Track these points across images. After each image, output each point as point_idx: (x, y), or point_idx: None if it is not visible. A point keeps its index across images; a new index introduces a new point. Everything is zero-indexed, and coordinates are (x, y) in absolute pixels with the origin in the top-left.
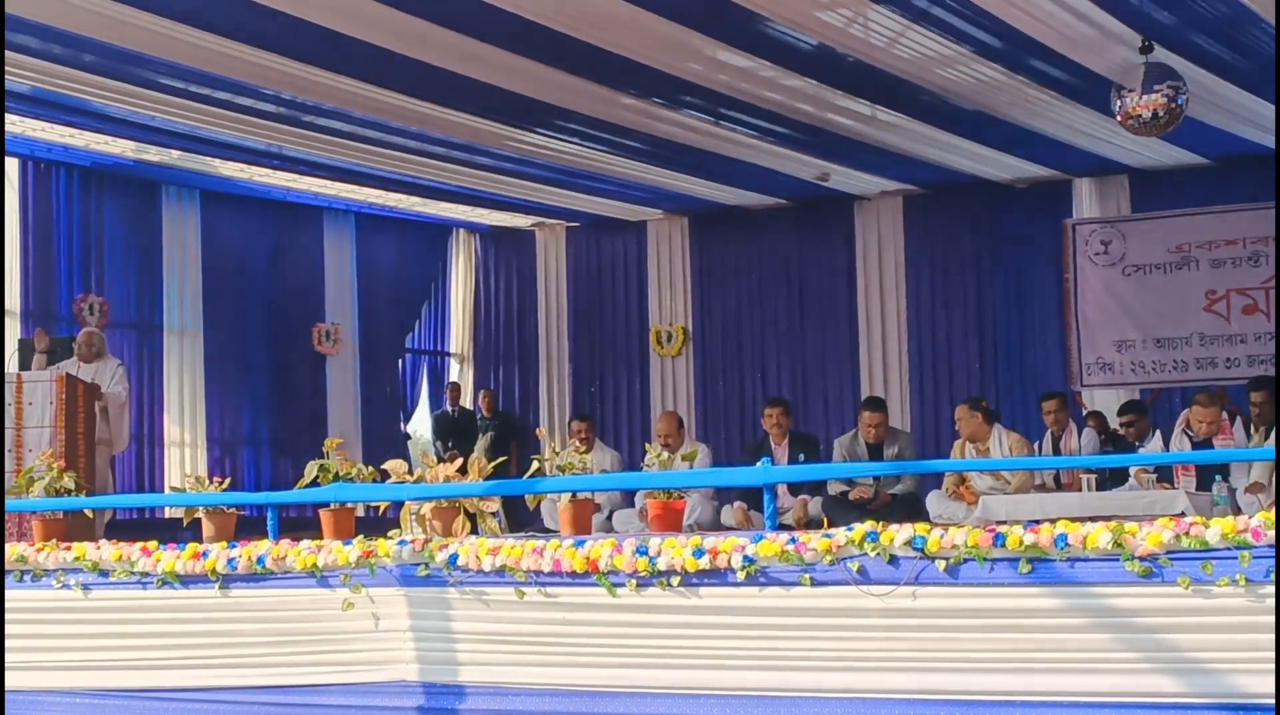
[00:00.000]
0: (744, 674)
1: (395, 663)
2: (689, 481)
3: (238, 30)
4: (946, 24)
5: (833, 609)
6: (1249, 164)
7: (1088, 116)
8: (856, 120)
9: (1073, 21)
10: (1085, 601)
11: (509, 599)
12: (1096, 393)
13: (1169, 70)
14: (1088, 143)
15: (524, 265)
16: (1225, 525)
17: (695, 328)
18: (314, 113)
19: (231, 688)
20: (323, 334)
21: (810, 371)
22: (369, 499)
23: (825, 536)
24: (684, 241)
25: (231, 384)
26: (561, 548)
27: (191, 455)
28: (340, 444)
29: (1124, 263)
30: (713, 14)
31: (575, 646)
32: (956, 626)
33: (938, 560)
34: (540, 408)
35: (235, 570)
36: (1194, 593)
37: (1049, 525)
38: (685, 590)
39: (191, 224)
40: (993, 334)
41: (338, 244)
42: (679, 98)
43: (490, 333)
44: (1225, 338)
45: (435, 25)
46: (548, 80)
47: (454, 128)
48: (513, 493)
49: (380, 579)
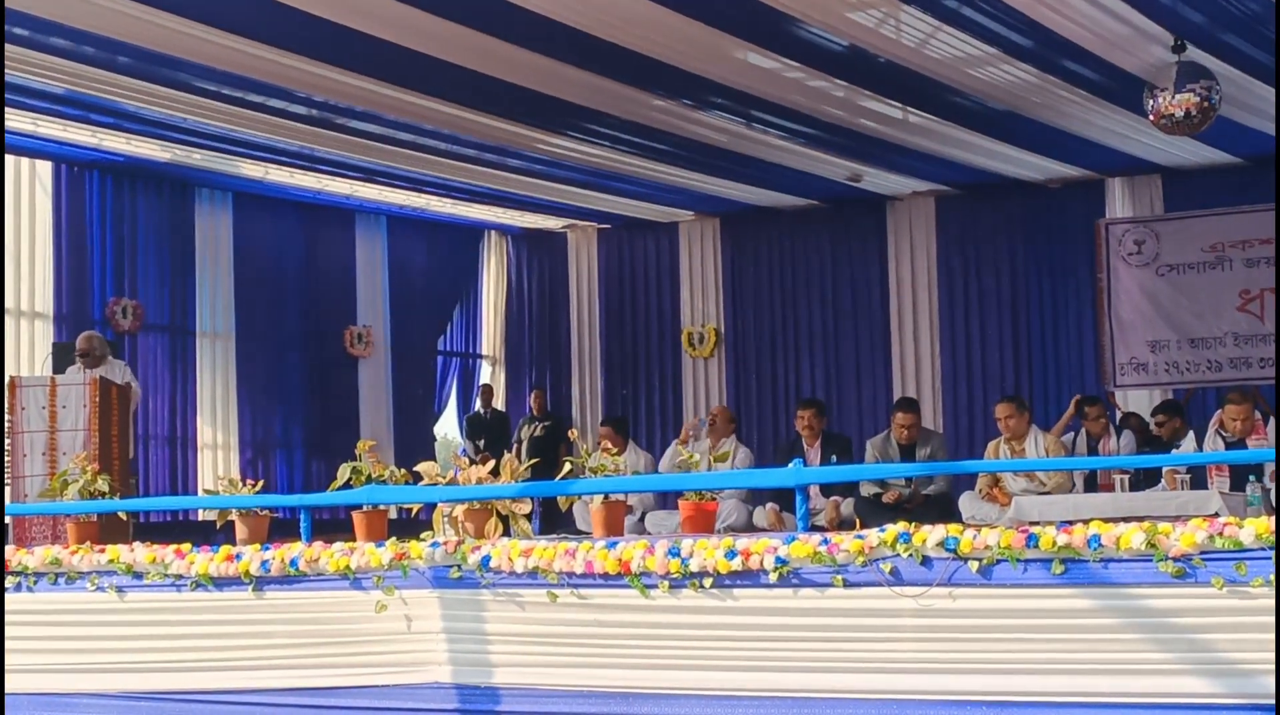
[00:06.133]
0: (777, 675)
1: (428, 664)
2: (721, 482)
3: (269, 33)
4: (977, 24)
5: (865, 610)
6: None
7: (1120, 116)
8: (888, 121)
9: (1104, 20)
10: (1119, 602)
11: (542, 601)
12: (1130, 393)
13: (1202, 69)
14: (1120, 142)
15: (556, 267)
16: (1259, 526)
17: (727, 329)
18: (346, 115)
19: (265, 690)
20: (355, 336)
21: (843, 372)
22: (401, 501)
23: (858, 538)
24: (715, 243)
25: (264, 386)
26: (594, 549)
27: (224, 457)
28: (373, 446)
29: (1157, 262)
30: (743, 15)
31: (608, 648)
32: (990, 627)
33: (970, 561)
34: (574, 410)
35: (268, 572)
36: (1228, 594)
37: (1082, 526)
38: (718, 592)
39: (224, 226)
40: (1026, 335)
41: (370, 246)
42: (709, 99)
43: (522, 335)
44: (1260, 337)
45: (465, 28)
46: (578, 82)
47: (485, 130)
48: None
49: (413, 581)
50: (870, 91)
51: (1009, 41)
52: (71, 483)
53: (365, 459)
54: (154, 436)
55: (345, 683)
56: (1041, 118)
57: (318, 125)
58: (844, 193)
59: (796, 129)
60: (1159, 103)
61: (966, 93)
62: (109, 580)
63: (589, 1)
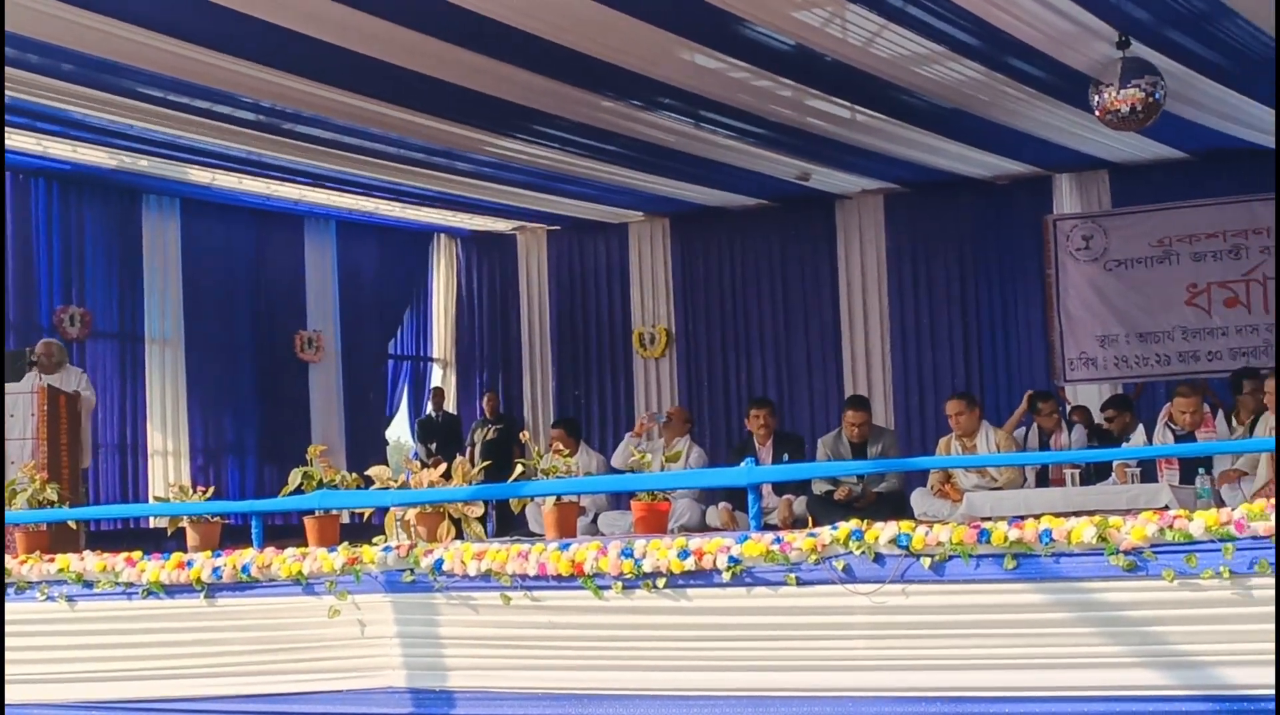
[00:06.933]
0: (731, 675)
1: (382, 669)
2: (673, 482)
3: (214, 38)
4: (923, 23)
5: (819, 608)
6: (1228, 157)
7: (1066, 113)
8: (836, 120)
9: (1050, 18)
10: (1070, 596)
11: (495, 603)
12: (1080, 388)
13: (1146, 65)
14: (1067, 139)
15: (506, 269)
16: (1209, 518)
17: (678, 329)
18: (293, 120)
19: (218, 697)
20: (305, 341)
21: (794, 371)
22: (353, 505)
23: (810, 536)
24: (665, 243)
25: (214, 392)
26: (547, 551)
27: (175, 464)
28: (324, 451)
29: (1105, 257)
30: (690, 16)
31: (562, 650)
32: (943, 624)
33: (923, 558)
34: (524, 411)
35: (220, 579)
36: (1179, 586)
37: (1033, 521)
38: (671, 592)
39: (172, 232)
40: (975, 331)
41: (319, 250)
42: (658, 100)
43: (473, 337)
44: (1207, 331)
45: (412, 31)
46: (526, 85)
47: (433, 133)
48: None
49: (366, 585)
50: (818, 90)
51: (955, 39)
52: (20, 492)
53: (316, 464)
54: (104, 444)
55: (299, 689)
56: (989, 115)
57: (265, 130)
58: (793, 192)
59: (745, 129)
60: (1105, 99)
61: (914, 91)
62: (59, 589)
63: (536, 3)
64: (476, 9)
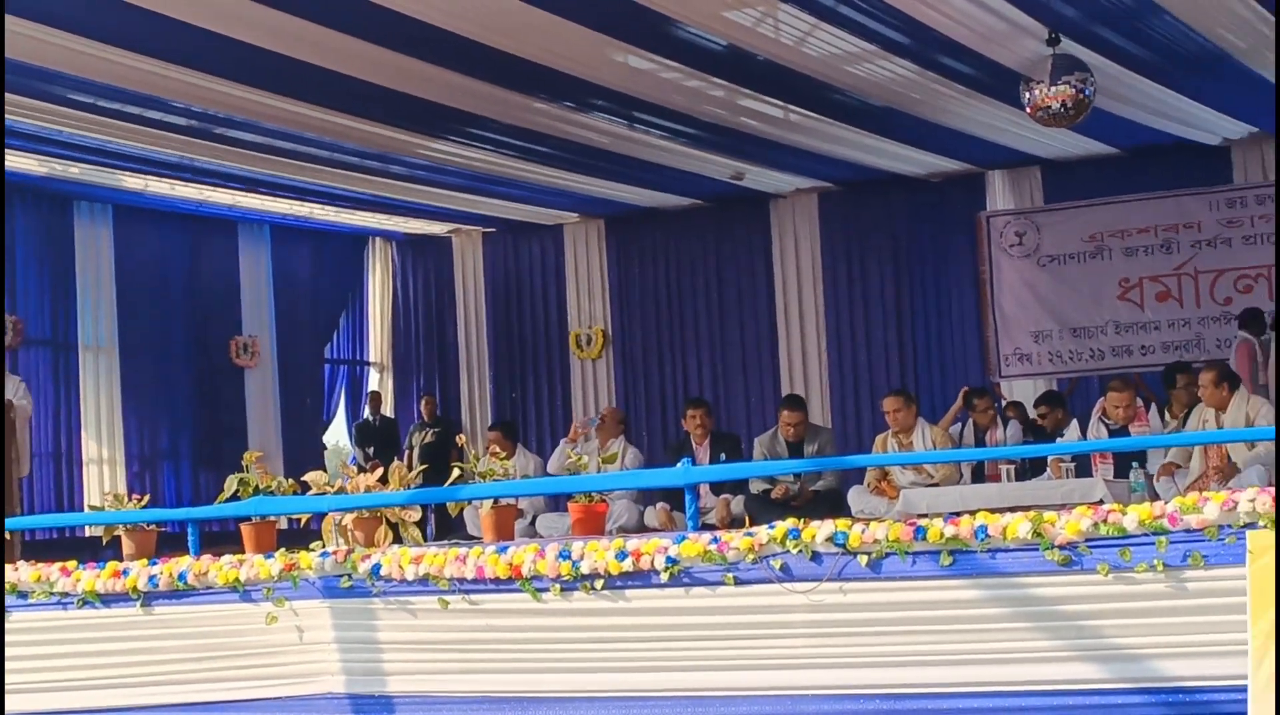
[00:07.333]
0: (671, 675)
1: (321, 675)
2: (611, 484)
3: (145, 44)
4: (855, 22)
5: (757, 607)
6: (1158, 153)
7: (998, 110)
8: (768, 120)
9: (980, 15)
10: (1007, 592)
11: (433, 608)
12: (1015, 383)
13: (1076, 62)
14: (999, 136)
15: (441, 272)
16: (1142, 511)
17: (615, 330)
18: (225, 124)
19: (156, 706)
20: (240, 347)
21: (730, 371)
22: (289, 511)
23: (747, 535)
24: (601, 244)
25: (149, 399)
26: (485, 555)
27: (110, 473)
28: (260, 457)
29: (1038, 253)
30: (621, 17)
31: (501, 653)
32: (880, 620)
33: (860, 555)
34: (462, 414)
35: (157, 587)
36: (1114, 580)
37: (969, 517)
38: (610, 593)
39: (104, 239)
40: (910, 328)
41: (253, 256)
42: (590, 101)
43: (410, 340)
44: (1140, 325)
45: (344, 34)
46: (459, 87)
47: (367, 137)
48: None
49: (303, 591)
50: (750, 90)
51: (886, 38)
52: None
53: (252, 470)
54: (39, 452)
55: (237, 696)
56: (921, 113)
57: (197, 136)
58: (727, 191)
59: (678, 129)
60: (1035, 96)
61: (846, 90)
62: None
63: (468, 6)
64: (409, 12)
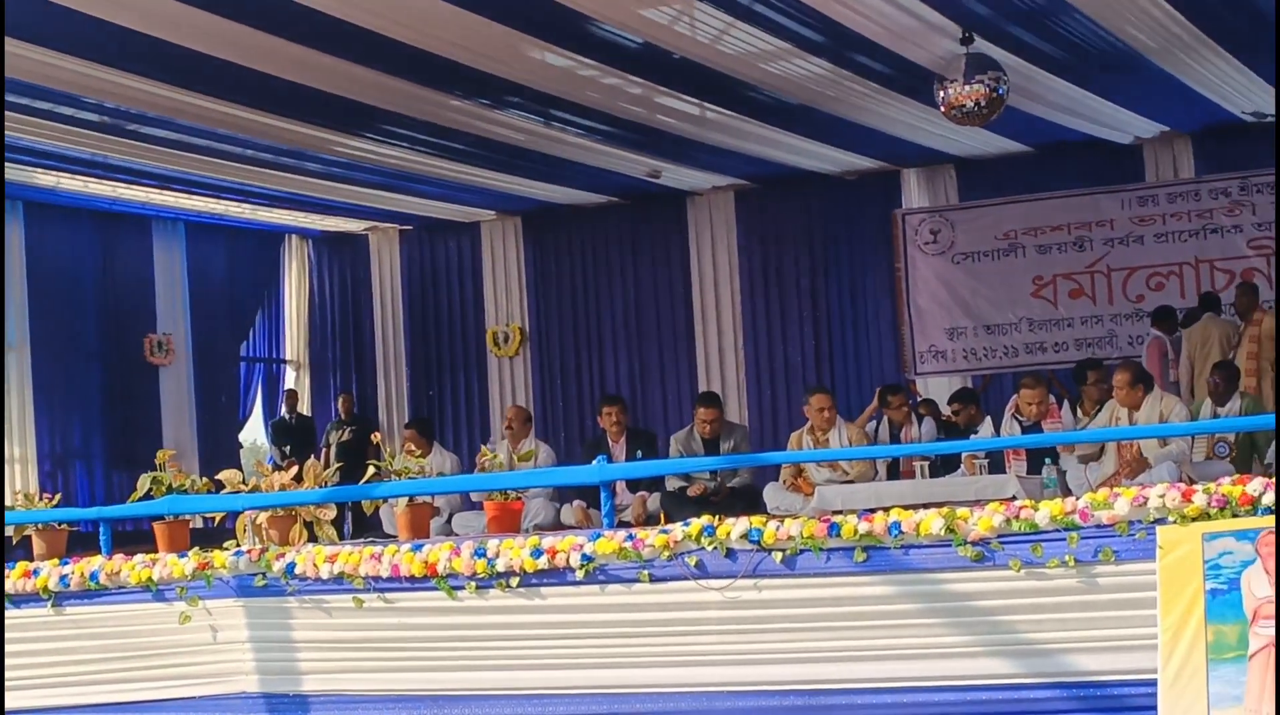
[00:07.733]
0: (587, 672)
1: (235, 675)
2: (526, 482)
3: (55, 39)
4: (770, 20)
5: (672, 604)
6: (1070, 151)
7: (912, 108)
8: (685, 118)
9: (894, 14)
10: (920, 588)
11: (348, 606)
12: (930, 380)
13: (989, 61)
14: (914, 134)
15: (358, 270)
16: (1054, 507)
17: (532, 328)
18: (138, 121)
19: (68, 707)
20: (155, 344)
21: (647, 368)
22: (203, 510)
23: (663, 532)
24: (518, 242)
25: (62, 398)
26: (400, 553)
27: (22, 471)
28: (174, 455)
29: (953, 251)
30: (537, 14)
31: (416, 652)
32: (795, 617)
33: (774, 552)
34: (380, 412)
35: (68, 587)
36: (1026, 575)
37: (883, 513)
38: (525, 591)
39: (15, 236)
40: (827, 325)
41: (168, 253)
42: (506, 98)
43: (326, 338)
44: (1053, 322)
45: (256, 30)
46: (373, 84)
47: (281, 134)
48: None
49: (217, 590)
50: (666, 88)
51: (801, 36)
52: None
53: (166, 468)
54: None
55: (151, 696)
56: (836, 111)
57: (110, 132)
58: (644, 189)
59: (594, 127)
60: (949, 94)
61: (761, 88)
62: None
63: (382, 2)
64: (321, 8)
